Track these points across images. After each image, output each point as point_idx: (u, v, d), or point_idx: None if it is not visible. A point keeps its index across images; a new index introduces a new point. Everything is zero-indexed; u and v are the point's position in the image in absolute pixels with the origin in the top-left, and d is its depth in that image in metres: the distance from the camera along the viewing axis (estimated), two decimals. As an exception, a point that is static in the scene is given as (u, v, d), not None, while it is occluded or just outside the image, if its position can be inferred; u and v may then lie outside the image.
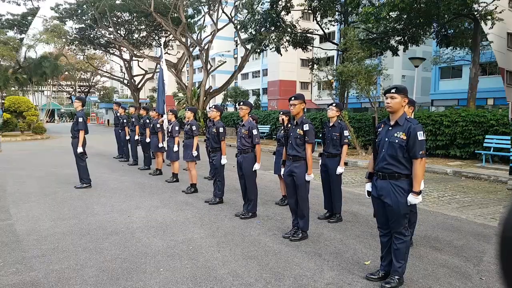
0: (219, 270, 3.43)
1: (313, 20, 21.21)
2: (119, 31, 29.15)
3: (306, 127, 4.12)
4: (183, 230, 4.59)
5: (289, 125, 4.37)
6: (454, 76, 27.43)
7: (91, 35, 30.96)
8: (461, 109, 11.55)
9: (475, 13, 13.34)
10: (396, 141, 2.99)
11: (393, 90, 3.06)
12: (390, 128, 3.08)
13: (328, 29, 22.03)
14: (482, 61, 19.66)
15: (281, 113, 5.69)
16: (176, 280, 3.23)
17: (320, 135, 5.46)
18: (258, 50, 22.01)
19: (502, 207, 5.91)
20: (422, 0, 12.93)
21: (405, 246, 3.08)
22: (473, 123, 10.19)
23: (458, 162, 10.25)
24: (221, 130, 5.86)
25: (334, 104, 5.19)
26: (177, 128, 7.79)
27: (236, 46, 46.79)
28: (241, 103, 5.29)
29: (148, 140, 9.33)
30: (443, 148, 10.94)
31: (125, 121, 10.84)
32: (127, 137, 10.61)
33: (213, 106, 6.07)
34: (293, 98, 4.22)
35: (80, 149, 6.92)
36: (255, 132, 5.17)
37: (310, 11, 20.22)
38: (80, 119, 6.93)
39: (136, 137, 10.13)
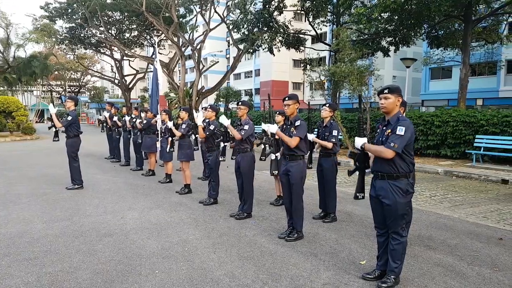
0: (215, 272, 3.41)
1: (305, 21, 21.27)
2: (110, 31, 28.80)
3: (297, 123, 4.15)
4: (178, 232, 4.56)
5: (284, 125, 4.38)
6: (444, 76, 27.76)
7: (82, 35, 30.52)
8: (452, 109, 11.68)
9: None
10: (384, 139, 3.03)
11: (386, 91, 3.07)
12: (384, 127, 3.11)
13: (321, 29, 22.09)
14: (472, 62, 19.91)
15: (277, 113, 5.71)
16: (172, 282, 3.21)
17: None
18: (251, 50, 21.98)
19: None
20: (413, 1, 13.05)
21: (402, 247, 3.09)
22: (464, 123, 10.32)
23: (449, 161, 10.38)
24: (211, 127, 5.86)
25: (327, 105, 5.22)
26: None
27: (229, 46, 46.73)
28: (240, 103, 5.26)
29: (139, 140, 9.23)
30: (434, 148, 11.06)
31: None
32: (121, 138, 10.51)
33: (209, 106, 6.08)
34: (287, 98, 4.23)
35: (49, 124, 7.01)
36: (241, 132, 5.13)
37: (302, 12, 20.28)
38: (68, 117, 6.76)
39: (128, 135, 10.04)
